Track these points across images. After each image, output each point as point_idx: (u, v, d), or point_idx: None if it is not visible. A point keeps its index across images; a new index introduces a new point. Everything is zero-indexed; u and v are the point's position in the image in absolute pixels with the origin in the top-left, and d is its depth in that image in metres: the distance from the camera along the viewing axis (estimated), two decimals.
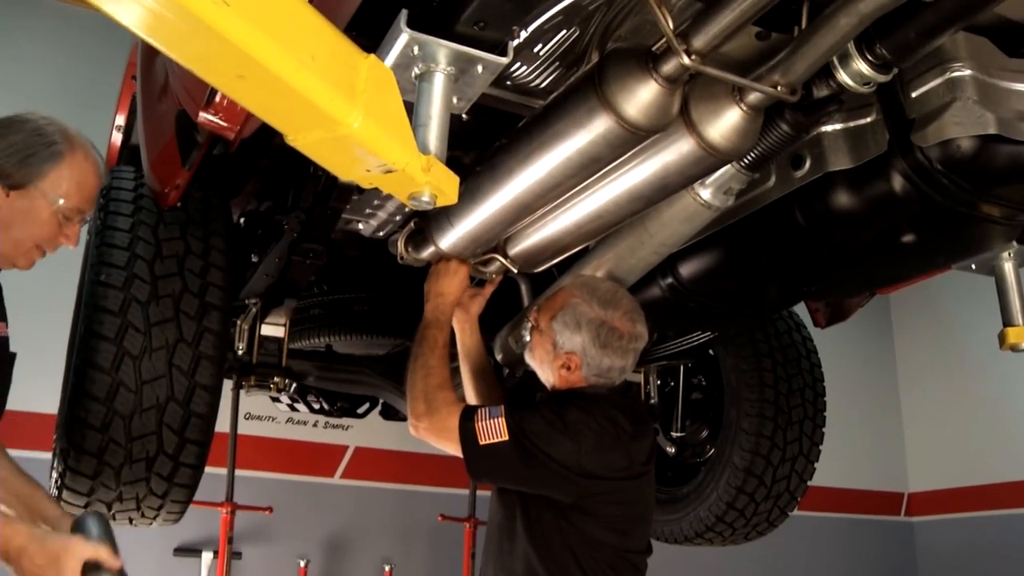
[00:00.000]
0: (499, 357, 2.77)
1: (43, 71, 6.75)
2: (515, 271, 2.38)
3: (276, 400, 4.88)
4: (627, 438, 2.24)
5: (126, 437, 2.42)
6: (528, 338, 2.42)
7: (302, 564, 6.46)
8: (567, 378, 2.34)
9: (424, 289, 2.43)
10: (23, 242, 2.06)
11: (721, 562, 7.28)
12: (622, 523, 2.28)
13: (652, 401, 3.80)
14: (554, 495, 2.22)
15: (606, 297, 2.29)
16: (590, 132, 1.67)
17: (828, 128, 1.91)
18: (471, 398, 2.65)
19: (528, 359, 2.45)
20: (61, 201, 2.05)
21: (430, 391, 2.29)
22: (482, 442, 2.16)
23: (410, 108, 1.52)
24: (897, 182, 1.84)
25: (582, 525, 2.23)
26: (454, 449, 2.22)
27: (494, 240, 2.27)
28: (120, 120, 4.31)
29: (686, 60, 1.48)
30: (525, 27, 1.61)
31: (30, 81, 6.63)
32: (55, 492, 2.61)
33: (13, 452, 2.20)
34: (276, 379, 3.24)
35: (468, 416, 2.21)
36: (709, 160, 1.76)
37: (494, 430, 2.16)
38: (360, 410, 5.00)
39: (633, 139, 1.67)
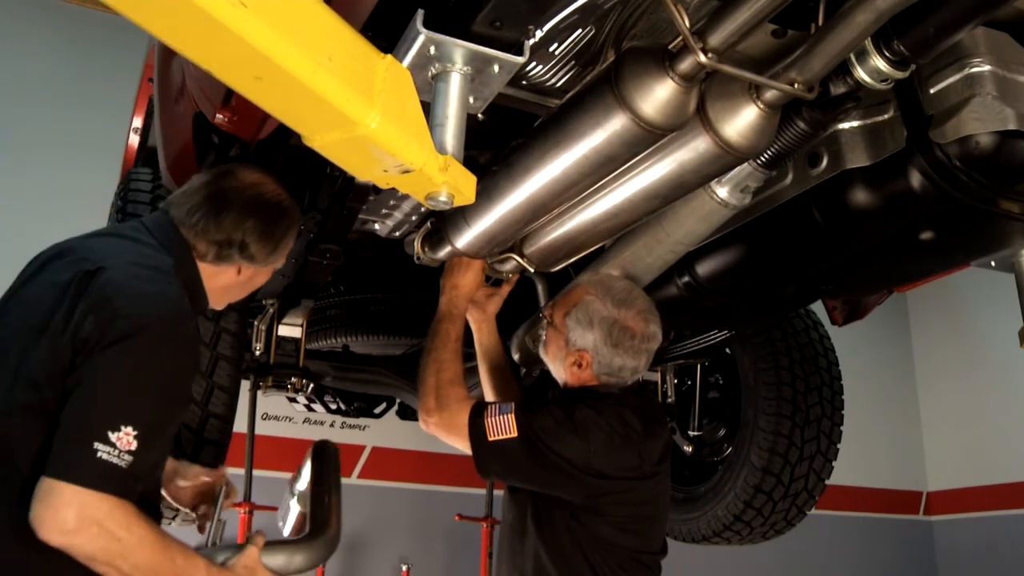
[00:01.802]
0: (516, 356, 2.78)
1: (46, 70, 6.81)
2: (531, 270, 2.38)
3: (293, 400, 4.90)
4: (638, 437, 2.23)
5: None
6: (543, 334, 2.42)
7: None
8: (578, 375, 2.33)
9: (439, 283, 2.44)
10: (238, 297, 2.15)
11: (739, 561, 7.27)
12: (633, 523, 2.27)
13: (669, 400, 3.79)
14: (563, 494, 2.22)
15: (620, 296, 2.29)
16: (606, 131, 1.67)
17: (845, 125, 1.89)
18: (489, 397, 2.65)
19: (542, 354, 2.45)
20: (283, 262, 2.14)
21: (442, 386, 2.30)
22: (491, 438, 2.16)
23: (427, 108, 1.52)
24: (915, 179, 1.83)
25: (592, 525, 2.22)
26: (463, 445, 2.23)
27: (510, 239, 2.27)
28: (137, 122, 4.33)
29: (703, 58, 1.47)
30: (541, 26, 1.61)
31: (35, 81, 6.70)
32: None
33: None
34: (293, 380, 3.25)
35: (478, 412, 2.21)
36: (726, 158, 1.76)
37: (503, 426, 2.16)
38: (377, 410, 5.01)
39: (650, 138, 1.67)
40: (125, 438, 1.62)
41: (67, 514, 1.56)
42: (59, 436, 1.63)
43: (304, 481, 2.26)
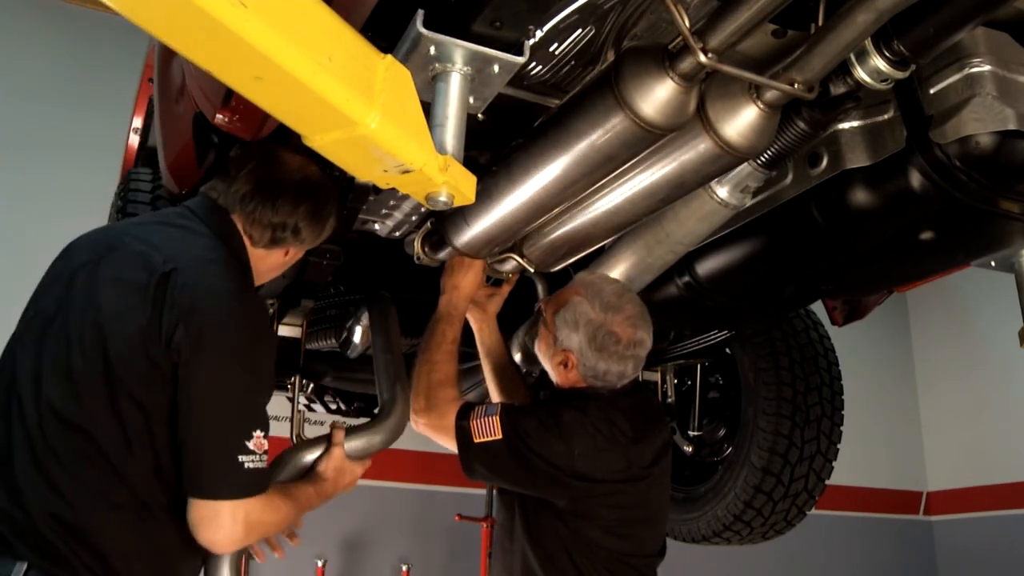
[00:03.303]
0: (516, 356, 2.78)
1: (45, 70, 6.82)
2: (531, 270, 2.38)
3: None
4: (625, 440, 2.22)
5: None
6: (538, 326, 2.42)
7: (320, 564, 6.49)
8: (566, 376, 2.33)
9: (440, 283, 2.44)
10: (272, 277, 2.22)
11: (738, 561, 7.27)
12: (620, 526, 2.26)
13: (669, 400, 3.79)
14: (547, 496, 2.22)
15: (610, 300, 2.27)
16: (606, 131, 1.67)
17: (845, 125, 1.89)
18: (495, 397, 2.65)
19: (536, 350, 2.45)
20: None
21: (432, 387, 2.30)
22: (476, 440, 2.17)
23: (427, 108, 1.52)
24: (915, 179, 1.83)
25: (578, 527, 2.22)
26: (452, 446, 2.24)
27: (511, 239, 2.26)
28: (137, 122, 4.33)
29: (703, 58, 1.47)
30: (541, 26, 1.61)
31: (34, 80, 6.70)
32: None
33: None
34: (293, 380, 3.24)
35: (464, 414, 2.22)
36: (726, 158, 1.76)
37: (488, 429, 2.16)
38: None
39: (649, 138, 1.67)
40: (257, 440, 1.79)
41: (236, 530, 1.75)
42: (197, 457, 1.75)
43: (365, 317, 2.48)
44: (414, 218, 2.45)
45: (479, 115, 1.76)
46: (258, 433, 1.79)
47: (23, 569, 1.64)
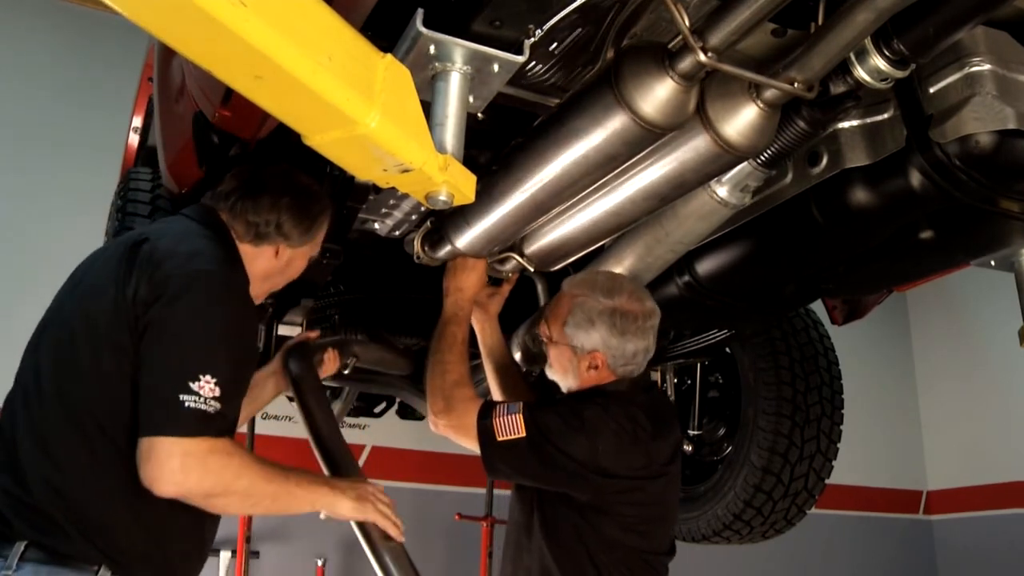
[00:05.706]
0: (517, 356, 2.78)
1: (45, 70, 6.82)
2: (531, 270, 2.38)
3: (292, 400, 4.88)
4: (647, 437, 2.22)
5: None
6: (545, 351, 2.40)
7: (319, 563, 6.48)
8: (596, 377, 2.31)
9: (443, 286, 2.44)
10: (277, 286, 2.24)
11: (738, 560, 7.26)
12: (639, 523, 2.26)
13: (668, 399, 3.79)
14: (571, 493, 2.21)
15: (607, 285, 2.27)
16: (606, 130, 1.67)
17: (845, 124, 1.89)
18: (497, 396, 2.64)
19: (550, 375, 2.43)
20: (318, 249, 2.27)
21: (448, 388, 2.29)
22: (499, 438, 2.16)
23: (426, 108, 1.52)
24: (915, 178, 1.83)
25: (598, 524, 2.22)
26: (473, 445, 2.22)
27: (511, 239, 2.27)
28: (137, 122, 4.33)
29: (702, 57, 1.47)
30: (541, 25, 1.61)
31: (34, 80, 6.70)
32: None
33: None
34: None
35: (486, 413, 2.20)
36: (726, 157, 1.76)
37: (511, 426, 2.16)
38: (377, 409, 5.01)
39: (649, 137, 1.67)
40: (207, 386, 1.73)
41: (173, 464, 1.69)
42: (145, 398, 1.74)
43: None
44: (414, 217, 2.45)
45: (479, 115, 1.76)
46: (208, 378, 1.73)
47: (21, 548, 1.68)
